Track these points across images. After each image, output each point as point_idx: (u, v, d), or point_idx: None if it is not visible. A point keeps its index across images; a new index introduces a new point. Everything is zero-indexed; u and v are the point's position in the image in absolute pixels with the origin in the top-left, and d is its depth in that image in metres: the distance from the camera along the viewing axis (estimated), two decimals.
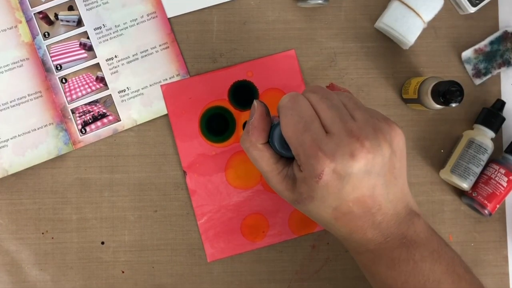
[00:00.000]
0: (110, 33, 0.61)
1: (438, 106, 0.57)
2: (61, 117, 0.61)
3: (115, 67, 0.61)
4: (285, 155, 0.43)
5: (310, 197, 0.40)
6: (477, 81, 0.63)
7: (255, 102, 0.44)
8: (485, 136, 0.60)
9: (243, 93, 0.62)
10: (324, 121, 0.39)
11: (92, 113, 0.61)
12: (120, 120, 0.61)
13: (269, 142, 0.43)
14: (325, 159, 0.37)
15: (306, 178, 0.39)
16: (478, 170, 0.60)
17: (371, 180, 0.39)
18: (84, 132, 0.61)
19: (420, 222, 0.42)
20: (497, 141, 0.63)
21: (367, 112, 0.41)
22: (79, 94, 0.61)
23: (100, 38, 0.61)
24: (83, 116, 0.61)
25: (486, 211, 0.60)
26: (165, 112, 0.61)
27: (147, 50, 0.62)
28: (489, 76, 0.63)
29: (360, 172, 0.38)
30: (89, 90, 0.61)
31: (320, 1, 0.60)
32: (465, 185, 0.60)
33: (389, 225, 0.40)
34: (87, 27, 0.61)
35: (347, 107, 0.41)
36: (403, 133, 0.41)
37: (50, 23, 0.61)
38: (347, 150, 0.37)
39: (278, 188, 0.43)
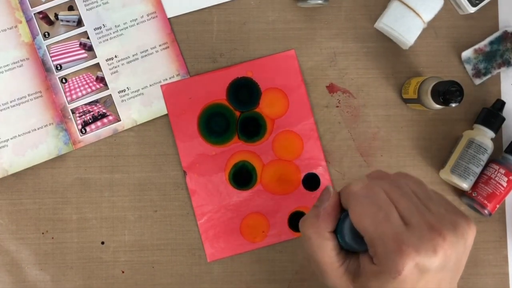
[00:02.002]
0: (110, 33, 0.61)
1: (438, 106, 0.57)
2: (61, 117, 0.61)
3: (115, 67, 0.61)
4: (353, 249, 0.40)
5: None
6: (477, 81, 0.63)
7: (330, 188, 0.42)
8: (485, 136, 0.60)
9: (243, 92, 0.62)
10: (401, 211, 0.38)
11: (92, 113, 0.61)
12: (120, 120, 0.61)
13: (335, 233, 0.41)
14: (409, 254, 0.36)
15: (381, 273, 0.37)
16: (478, 170, 0.60)
17: (441, 275, 0.38)
18: (84, 132, 0.61)
19: None
20: (497, 141, 0.63)
21: (441, 204, 0.40)
22: (79, 94, 0.61)
23: (100, 38, 0.61)
24: (83, 116, 0.61)
25: (486, 211, 0.60)
26: (165, 112, 0.61)
27: (147, 50, 0.62)
28: (489, 76, 0.63)
29: (437, 267, 0.37)
30: (89, 90, 0.61)
31: (320, 1, 0.60)
32: (465, 185, 0.60)
33: None
34: (87, 27, 0.61)
35: (418, 196, 0.40)
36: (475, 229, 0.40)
37: (50, 23, 0.61)
38: (430, 245, 0.36)
39: (336, 282, 0.40)
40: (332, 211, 0.41)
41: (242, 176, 0.62)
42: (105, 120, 0.61)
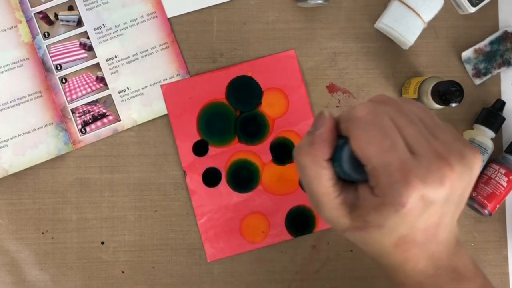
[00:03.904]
0: (110, 33, 0.61)
1: (438, 106, 0.57)
2: (61, 117, 0.61)
3: (115, 67, 0.61)
4: (351, 179, 0.37)
5: (379, 225, 0.35)
6: (477, 81, 0.63)
7: (324, 111, 0.38)
8: (485, 136, 0.60)
9: (243, 91, 0.62)
10: (407, 139, 0.35)
11: (92, 113, 0.61)
12: (120, 120, 0.61)
13: (332, 161, 0.37)
14: (416, 185, 0.33)
15: (382, 205, 0.34)
16: None
17: (445, 208, 0.35)
18: (84, 132, 0.61)
19: (466, 254, 0.39)
20: (497, 141, 0.63)
21: (449, 132, 0.37)
22: (79, 94, 0.61)
23: (100, 38, 0.61)
24: (83, 116, 0.61)
25: (486, 211, 0.60)
26: (165, 112, 0.61)
27: (147, 50, 0.62)
28: (489, 76, 0.63)
29: (442, 199, 0.34)
30: (89, 90, 0.61)
31: (320, 1, 0.60)
32: None
33: (441, 256, 0.38)
34: (87, 27, 0.61)
35: (425, 123, 0.37)
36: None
37: (50, 23, 0.61)
38: (437, 175, 0.34)
39: (332, 214, 0.38)
40: (328, 138, 0.37)
41: (242, 177, 0.62)
42: (105, 120, 0.61)
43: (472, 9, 0.61)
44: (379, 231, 0.35)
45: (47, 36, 0.61)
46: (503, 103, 0.61)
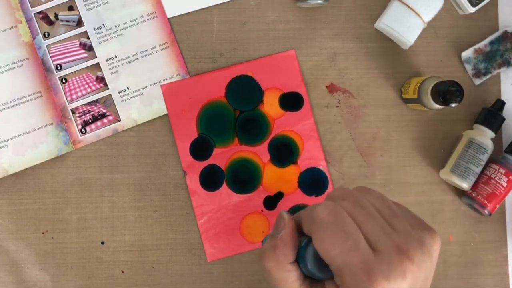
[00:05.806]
0: (110, 33, 0.61)
1: (438, 106, 0.57)
2: (61, 117, 0.61)
3: (115, 67, 0.61)
4: (317, 277, 0.38)
5: None
6: (477, 81, 0.63)
7: (283, 214, 0.39)
8: (485, 136, 0.60)
9: (243, 90, 0.62)
10: (367, 235, 0.36)
11: (92, 113, 0.61)
12: (120, 120, 0.61)
13: (296, 261, 0.38)
14: (380, 283, 0.34)
15: None
16: (478, 170, 0.60)
17: None
18: (84, 132, 0.61)
19: None
20: (497, 141, 0.63)
21: (406, 219, 0.38)
22: (79, 94, 0.61)
23: (100, 38, 0.61)
24: (83, 116, 0.61)
25: (486, 211, 0.60)
26: (165, 112, 0.62)
27: (147, 50, 0.62)
28: (489, 76, 0.63)
29: None
30: (89, 90, 0.61)
31: (320, 1, 0.60)
32: (465, 185, 0.60)
33: None
34: (87, 27, 0.61)
35: (382, 214, 0.38)
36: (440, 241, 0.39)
37: (50, 23, 0.61)
38: (399, 270, 0.35)
39: None
40: (290, 240, 0.38)
41: (242, 178, 0.62)
42: (105, 120, 0.61)
43: (472, 9, 0.61)
44: None
45: (47, 36, 0.61)
46: (503, 103, 0.61)
